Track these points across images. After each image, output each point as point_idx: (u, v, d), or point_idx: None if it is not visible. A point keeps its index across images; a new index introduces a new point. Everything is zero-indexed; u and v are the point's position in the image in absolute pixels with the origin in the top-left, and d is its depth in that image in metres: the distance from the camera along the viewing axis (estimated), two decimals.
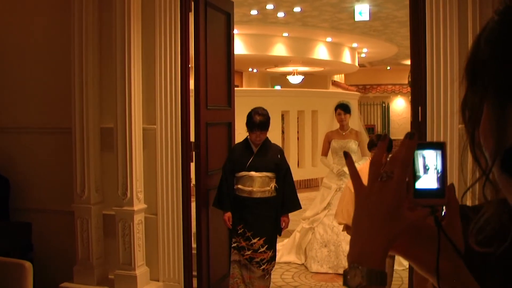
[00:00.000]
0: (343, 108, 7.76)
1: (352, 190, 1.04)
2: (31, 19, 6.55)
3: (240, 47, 17.17)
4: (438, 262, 0.98)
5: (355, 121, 8.22)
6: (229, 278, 5.89)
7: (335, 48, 20.80)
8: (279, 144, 15.05)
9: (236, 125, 7.01)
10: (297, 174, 15.16)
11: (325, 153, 7.99)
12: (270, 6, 14.34)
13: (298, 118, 15.73)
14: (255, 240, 5.74)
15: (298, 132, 15.83)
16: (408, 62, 5.81)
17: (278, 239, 8.98)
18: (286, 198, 5.91)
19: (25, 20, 6.58)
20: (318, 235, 7.65)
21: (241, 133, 8.75)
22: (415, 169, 0.99)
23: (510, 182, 0.77)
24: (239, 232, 5.78)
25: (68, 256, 6.20)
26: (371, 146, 6.26)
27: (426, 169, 0.99)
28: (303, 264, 7.79)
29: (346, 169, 7.07)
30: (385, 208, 0.96)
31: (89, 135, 6.06)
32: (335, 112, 7.86)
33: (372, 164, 1.01)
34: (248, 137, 5.91)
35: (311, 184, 15.28)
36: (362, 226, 0.99)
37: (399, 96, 30.17)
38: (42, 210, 6.44)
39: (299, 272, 7.53)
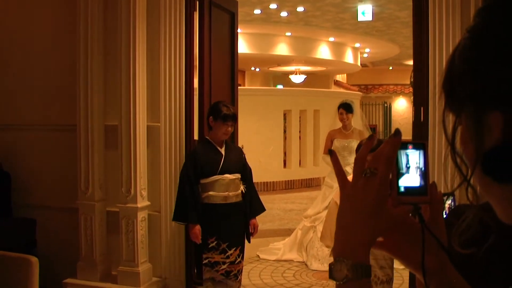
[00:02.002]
0: (345, 108, 7.76)
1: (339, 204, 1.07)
2: (36, 16, 6.59)
3: (243, 46, 17.18)
4: (424, 258, 1.02)
5: (357, 121, 8.22)
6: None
7: (337, 48, 20.80)
8: (281, 143, 15.11)
9: (239, 123, 7.03)
10: (299, 174, 15.25)
11: (327, 152, 7.99)
12: (273, 6, 14.36)
13: (300, 117, 15.77)
14: (231, 251, 5.25)
15: (300, 131, 15.85)
16: (411, 62, 5.82)
17: (280, 238, 9.07)
18: (254, 200, 5.55)
19: (30, 17, 6.62)
20: (319, 233, 7.66)
21: (243, 132, 8.77)
22: (398, 167, 1.03)
23: (491, 185, 0.81)
24: (210, 246, 5.20)
25: (72, 252, 6.23)
26: (359, 149, 5.82)
27: (409, 168, 1.03)
28: (304, 262, 7.81)
29: (348, 168, 7.09)
30: (369, 203, 1.00)
31: (93, 132, 6.10)
32: (338, 111, 7.86)
33: (356, 161, 1.04)
34: (210, 135, 5.34)
35: (313, 184, 15.31)
36: (346, 221, 1.03)
37: (401, 96, 30.17)
38: (46, 207, 6.48)
39: (300, 270, 7.56)
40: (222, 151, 5.30)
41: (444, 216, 1.18)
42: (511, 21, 0.76)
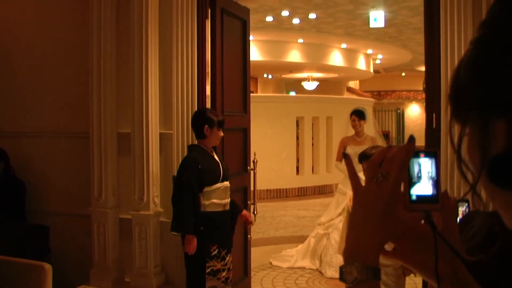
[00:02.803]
0: (358, 115, 7.79)
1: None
2: (49, 24, 6.64)
3: (255, 53, 17.22)
4: (437, 265, 1.03)
5: (370, 127, 8.22)
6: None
7: (349, 55, 20.80)
8: (294, 149, 15.11)
9: (252, 130, 7.04)
10: (312, 180, 15.25)
11: (340, 159, 7.99)
12: (285, 13, 14.39)
13: (312, 124, 15.76)
14: (228, 258, 5.33)
15: (312, 138, 15.85)
16: (423, 68, 5.81)
17: (292, 245, 9.06)
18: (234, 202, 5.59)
19: (43, 25, 6.67)
20: (333, 240, 7.65)
21: (255, 139, 8.75)
22: (410, 176, 1.04)
23: (497, 192, 0.81)
24: (213, 254, 5.19)
25: (85, 259, 6.26)
26: (362, 158, 4.90)
27: (420, 177, 1.04)
28: (317, 269, 7.80)
29: (361, 174, 7.06)
30: (380, 207, 1.02)
31: (106, 139, 6.13)
32: (350, 118, 7.88)
33: (370, 164, 1.06)
34: (203, 143, 5.31)
35: (326, 190, 15.28)
36: (358, 223, 1.05)
37: (414, 102, 30.12)
38: (59, 213, 6.51)
39: (313, 278, 7.55)
40: (216, 158, 5.37)
41: (459, 221, 1.19)
42: None
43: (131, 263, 6.02)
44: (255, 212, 6.43)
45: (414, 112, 30.16)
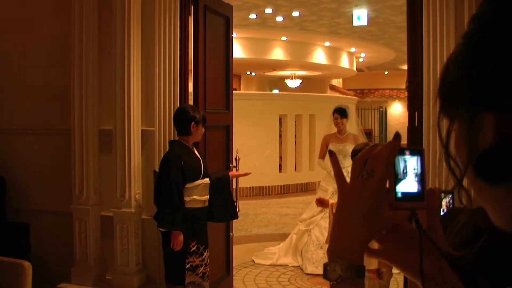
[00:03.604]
0: (340, 113, 7.80)
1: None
2: (31, 20, 6.58)
3: (238, 51, 17.22)
4: (422, 264, 1.03)
5: (353, 125, 8.25)
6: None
7: (333, 53, 20.86)
8: (277, 147, 15.12)
9: (234, 127, 7.03)
10: (294, 178, 15.26)
11: (322, 156, 8.00)
12: (269, 10, 14.40)
13: (295, 122, 15.78)
14: (206, 254, 5.39)
15: (295, 135, 15.88)
16: (406, 67, 5.84)
17: (275, 242, 9.07)
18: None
19: (25, 22, 6.61)
20: (314, 237, 7.70)
21: (238, 136, 8.75)
22: (396, 173, 1.03)
23: (483, 187, 0.82)
24: (192, 250, 5.25)
25: (66, 256, 6.22)
26: (355, 155, 5.05)
27: (406, 173, 1.04)
28: (299, 266, 7.82)
29: (343, 172, 7.08)
30: (365, 204, 1.01)
31: (88, 136, 6.09)
32: (333, 116, 7.89)
33: (355, 162, 1.05)
34: (186, 139, 5.34)
35: (308, 188, 15.33)
36: (342, 221, 1.04)
37: (396, 101, 30.27)
38: (40, 211, 6.47)
39: (295, 275, 7.56)
40: (197, 155, 5.42)
41: (442, 213, 1.19)
42: (503, 27, 0.77)
43: (113, 261, 6.00)
44: (238, 209, 6.43)
45: (397, 110, 30.30)
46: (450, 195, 2.34)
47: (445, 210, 1.18)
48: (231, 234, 6.75)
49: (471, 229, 0.97)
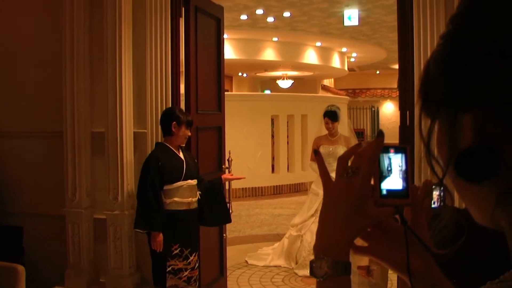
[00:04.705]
0: (330, 117, 7.70)
1: None
2: (22, 23, 6.56)
3: (229, 52, 17.21)
4: (408, 260, 1.04)
5: (345, 126, 8.23)
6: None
7: (324, 53, 20.88)
8: (269, 148, 15.12)
9: (226, 128, 7.04)
10: (287, 178, 15.27)
11: (313, 159, 7.95)
12: (259, 11, 14.40)
13: (287, 122, 15.79)
14: (192, 257, 5.32)
15: (287, 136, 15.88)
16: (397, 66, 5.86)
17: (268, 243, 9.08)
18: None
19: (15, 22, 6.58)
20: (306, 242, 7.66)
21: (230, 138, 8.74)
22: (381, 170, 1.05)
23: (464, 186, 0.83)
24: (174, 253, 5.21)
25: (59, 260, 6.21)
26: None
27: (390, 171, 1.05)
28: (292, 268, 7.81)
29: (334, 174, 7.05)
30: (350, 202, 1.03)
31: (80, 139, 6.09)
32: (323, 120, 7.82)
33: (339, 160, 1.07)
34: (169, 141, 5.35)
35: (301, 188, 15.34)
36: (328, 219, 1.05)
37: (388, 100, 30.29)
38: (33, 214, 6.44)
39: (289, 276, 7.57)
40: (182, 156, 5.37)
41: (434, 205, 1.20)
42: (481, 27, 0.78)
43: (106, 264, 5.99)
44: (231, 211, 6.43)
45: (389, 109, 30.32)
46: (441, 188, 2.35)
47: (435, 202, 1.19)
48: (224, 235, 6.76)
49: (454, 227, 0.98)
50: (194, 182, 5.37)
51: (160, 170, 5.17)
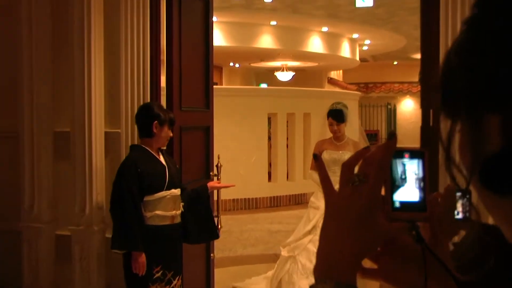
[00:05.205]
0: (335, 117, 7.44)
1: None
2: None
3: (219, 38, 17.22)
4: (426, 286, 1.03)
5: (354, 129, 7.99)
6: None
7: (332, 40, 20.90)
8: (265, 152, 15.11)
9: (215, 128, 7.03)
10: (286, 188, 15.27)
11: (314, 167, 7.77)
12: None
13: (287, 122, 15.78)
14: (175, 282, 5.30)
15: (287, 138, 15.87)
16: (419, 56, 5.83)
17: (263, 265, 9.04)
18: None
19: None
20: (300, 264, 7.31)
21: (220, 139, 8.71)
22: (393, 178, 1.04)
23: (492, 198, 0.81)
24: (155, 276, 5.14)
25: (14, 282, 6.19)
26: None
27: (404, 179, 1.04)
28: None
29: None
30: (356, 216, 1.01)
31: (40, 140, 6.06)
32: (327, 121, 7.57)
33: (344, 167, 1.05)
34: (148, 142, 5.29)
35: (303, 200, 15.32)
36: (331, 236, 1.04)
37: (407, 96, 30.35)
38: None
39: None
40: (163, 161, 5.32)
41: (457, 215, 1.18)
42: (510, 11, 0.77)
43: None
44: (220, 226, 6.41)
45: (408, 107, 30.39)
46: (467, 195, 2.33)
47: (458, 212, 1.17)
48: (211, 255, 6.75)
49: (480, 247, 0.97)
50: (178, 192, 5.34)
51: (139, 177, 5.09)
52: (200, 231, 5.55)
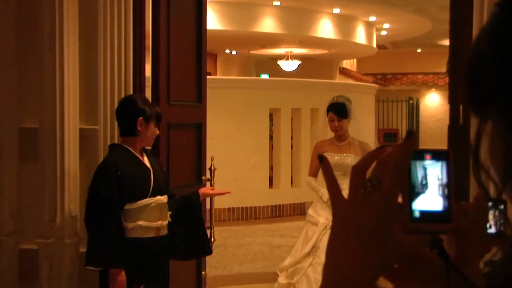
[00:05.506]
0: (336, 111, 7.36)
1: None
2: None
3: (213, 21, 17.22)
4: None
5: (360, 126, 7.86)
6: None
7: (344, 23, 20.92)
8: (266, 153, 15.12)
9: (208, 126, 7.03)
10: (290, 196, 15.32)
11: (313, 173, 7.66)
12: None
13: (292, 119, 15.80)
14: None
15: (292, 138, 15.88)
16: (447, 42, 5.83)
17: (263, 285, 9.03)
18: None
19: None
20: None
21: (214, 138, 8.72)
22: (412, 184, 1.03)
23: None
24: None
25: None
26: None
27: (426, 185, 1.03)
28: None
29: (344, 193, 6.81)
30: (369, 228, 1.00)
31: (3, 138, 6.05)
32: (327, 116, 7.51)
33: (355, 170, 1.05)
34: (131, 142, 5.29)
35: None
36: (339, 251, 1.03)
37: (433, 90, 30.32)
38: None
39: None
40: (147, 163, 5.31)
41: (489, 229, 1.17)
42: None
43: None
44: (213, 240, 6.41)
45: (434, 103, 30.38)
46: (502, 205, 2.33)
47: (491, 225, 1.16)
48: (203, 273, 6.76)
49: None
50: (164, 199, 5.30)
51: (120, 182, 5.06)
52: (190, 245, 5.55)
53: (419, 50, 29.97)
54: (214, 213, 6.74)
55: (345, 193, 1.03)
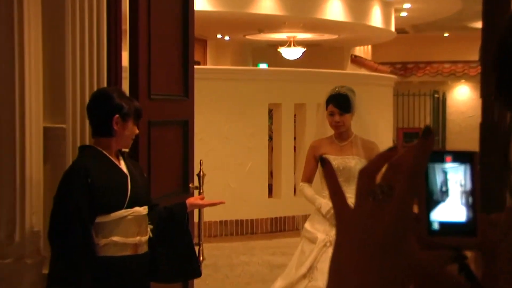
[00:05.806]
0: (338, 104, 7.21)
1: None
2: None
3: (202, 1, 17.25)
4: None
5: (366, 124, 7.66)
6: None
7: (357, 3, 21.00)
8: (265, 156, 15.16)
9: (196, 124, 7.03)
10: (292, 207, 15.31)
11: (307, 178, 7.68)
12: None
13: (295, 116, 15.84)
14: None
15: (295, 138, 15.92)
16: (479, 25, 5.83)
17: None
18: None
19: None
20: None
21: (203, 138, 8.76)
22: (430, 191, 1.02)
23: None
24: None
25: None
26: None
27: (446, 192, 1.02)
28: None
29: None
30: (379, 241, 0.99)
31: None
32: (326, 110, 7.41)
33: (362, 174, 1.03)
34: (109, 142, 5.23)
35: None
36: (343, 267, 1.02)
37: (462, 81, 30.48)
38: None
39: None
40: (124, 168, 5.28)
41: None
42: None
43: None
44: (202, 259, 6.41)
45: (463, 96, 30.53)
46: None
47: None
48: None
49: None
50: (144, 210, 5.25)
51: (91, 191, 5.00)
52: (174, 266, 5.55)
53: (446, 35, 30.10)
54: (204, 227, 6.75)
55: (350, 201, 1.01)
